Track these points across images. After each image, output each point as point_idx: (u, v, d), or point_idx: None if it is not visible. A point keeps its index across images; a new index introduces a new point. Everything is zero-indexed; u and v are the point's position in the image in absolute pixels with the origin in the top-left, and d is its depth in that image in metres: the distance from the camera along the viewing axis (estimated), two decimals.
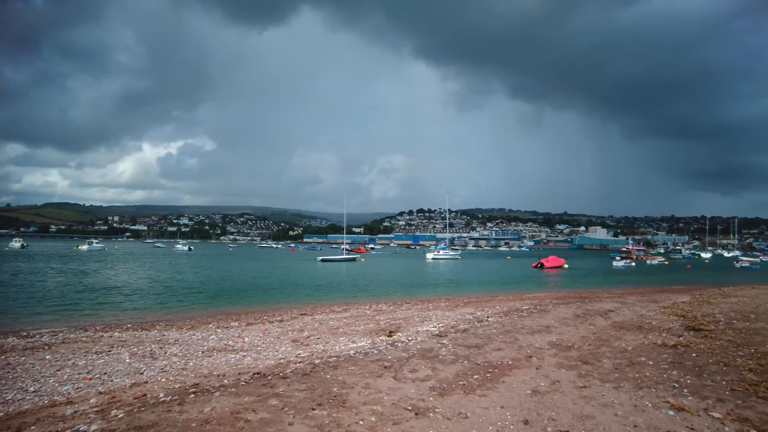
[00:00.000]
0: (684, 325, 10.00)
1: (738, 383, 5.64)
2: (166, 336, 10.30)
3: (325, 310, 14.75)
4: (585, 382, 5.90)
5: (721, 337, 8.47)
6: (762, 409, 4.79)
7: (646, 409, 4.84)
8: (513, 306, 14.37)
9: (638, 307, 13.33)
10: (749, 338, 8.37)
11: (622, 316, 11.53)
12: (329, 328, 10.78)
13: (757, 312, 11.58)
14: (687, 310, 12.37)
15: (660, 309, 12.84)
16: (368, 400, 5.14)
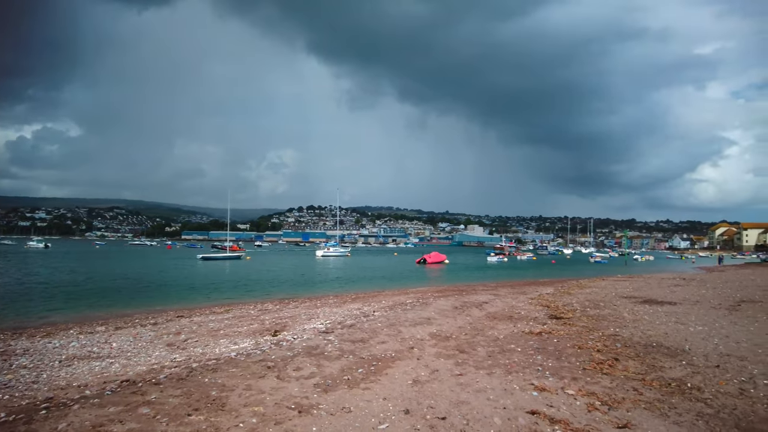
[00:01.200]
0: (548, 314, 12.04)
1: (588, 363, 7.10)
2: (13, 346, 9.27)
3: (204, 311, 14.41)
4: (461, 369, 6.86)
5: (577, 324, 10.48)
6: (605, 383, 6.17)
7: (514, 392, 5.84)
8: (398, 300, 15.61)
9: (509, 299, 15.55)
10: (598, 323, 10.51)
11: (496, 307, 13.37)
12: (209, 330, 10.68)
13: (605, 300, 14.48)
14: (550, 300, 14.88)
15: (528, 300, 15.19)
16: (249, 401, 5.33)
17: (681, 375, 6.50)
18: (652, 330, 9.61)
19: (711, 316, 11.33)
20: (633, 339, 8.78)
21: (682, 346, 8.20)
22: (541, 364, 7.07)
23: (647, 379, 6.31)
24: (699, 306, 13.07)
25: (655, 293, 16.57)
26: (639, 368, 6.84)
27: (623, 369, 6.78)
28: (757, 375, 6.46)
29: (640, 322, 10.58)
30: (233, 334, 10.07)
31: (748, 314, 11.53)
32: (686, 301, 14.25)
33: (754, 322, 10.48)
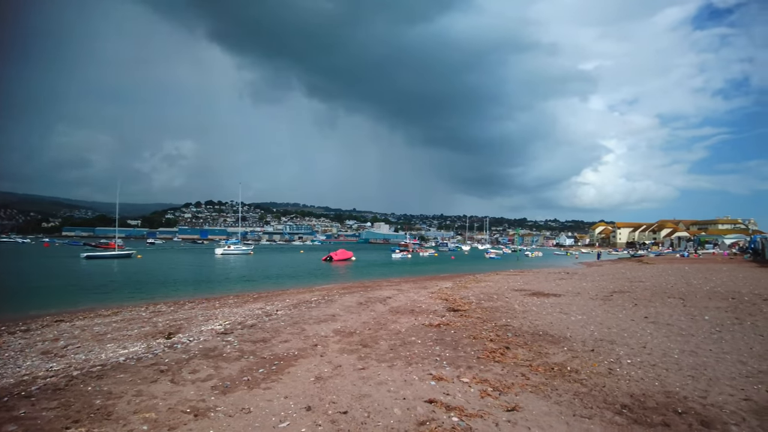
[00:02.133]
0: (446, 307, 12.64)
1: (482, 352, 7.60)
2: None
3: (89, 314, 13.03)
4: (364, 364, 6.97)
5: (472, 315, 11.14)
6: (497, 370, 6.64)
7: (414, 382, 6.07)
8: (303, 298, 15.42)
9: (412, 294, 16.08)
10: (492, 315, 11.27)
11: (399, 302, 13.75)
12: (94, 334, 9.78)
13: (498, 293, 15.57)
14: (449, 294, 15.64)
15: (429, 294, 15.83)
16: (140, 408, 5.01)
17: (562, 360, 7.18)
18: (539, 320, 10.48)
19: (589, 306, 12.63)
20: (522, 328, 9.52)
21: (564, 333, 9.05)
22: (439, 355, 7.40)
23: (534, 364, 6.88)
24: (579, 297, 14.51)
25: (542, 286, 18.10)
26: (527, 355, 7.43)
27: (513, 356, 7.32)
28: (622, 356, 7.34)
29: (528, 313, 11.49)
30: (122, 338, 9.32)
31: (618, 303, 13.03)
32: (569, 293, 15.75)
33: (622, 310, 11.88)
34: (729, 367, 6.76)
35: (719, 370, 6.64)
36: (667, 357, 7.32)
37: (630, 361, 7.08)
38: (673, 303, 12.99)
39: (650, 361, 7.09)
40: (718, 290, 15.82)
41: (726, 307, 12.13)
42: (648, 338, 8.62)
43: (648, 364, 6.94)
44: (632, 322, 10.12)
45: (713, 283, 18.56)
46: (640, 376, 6.33)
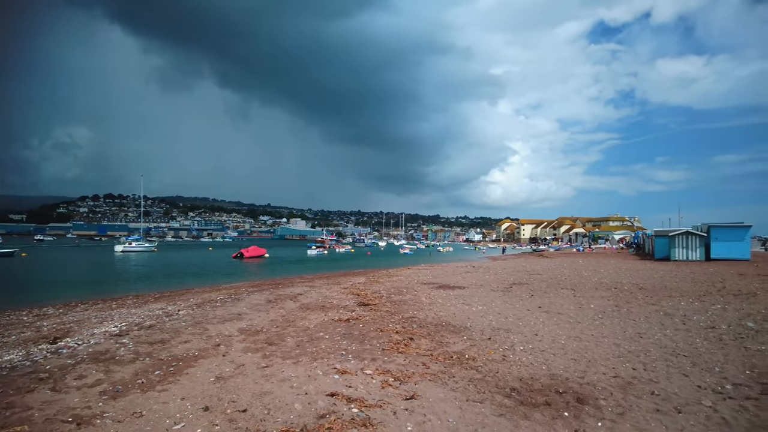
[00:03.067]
0: (357, 301, 12.80)
1: (387, 344, 7.81)
2: None
3: None
4: (268, 362, 6.88)
5: (381, 309, 11.38)
6: (400, 361, 6.87)
7: (318, 377, 6.11)
8: (208, 297, 14.78)
9: (324, 290, 16.06)
10: (400, 308, 11.60)
11: (310, 298, 13.68)
12: None
13: (408, 287, 16.04)
14: (361, 289, 15.84)
15: (341, 290, 15.91)
16: (10, 422, 4.59)
17: (461, 348, 7.58)
18: (443, 311, 10.96)
19: (490, 297, 13.42)
20: (427, 320, 9.90)
21: (465, 323, 9.55)
22: (346, 349, 7.50)
23: (435, 354, 7.19)
24: (482, 289, 15.36)
25: (449, 279, 18.91)
26: (429, 345, 7.75)
27: (416, 347, 7.60)
28: (516, 343, 7.90)
29: (434, 305, 11.97)
30: None
31: (517, 294, 13.99)
32: (473, 285, 16.61)
33: (519, 300, 12.77)
34: (605, 349, 7.54)
35: (597, 352, 7.38)
36: (555, 343, 8.00)
37: (522, 347, 7.64)
38: (565, 293, 14.19)
39: (540, 347, 7.71)
40: (604, 281, 17.53)
41: (608, 296, 13.49)
42: (540, 326, 9.35)
43: (538, 350, 7.53)
44: (527, 312, 10.92)
45: (600, 274, 20.52)
46: (530, 361, 6.86)
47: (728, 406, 5.11)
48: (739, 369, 6.46)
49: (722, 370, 6.45)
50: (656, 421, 4.70)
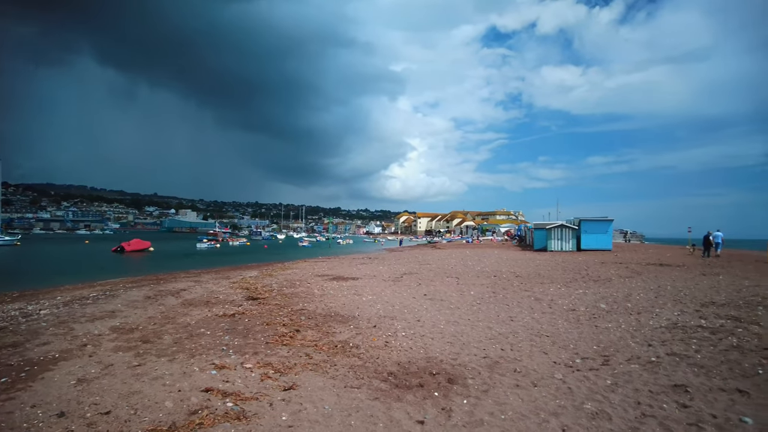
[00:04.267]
0: (246, 296, 12.46)
1: (272, 337, 7.76)
2: None
3: None
4: (141, 360, 6.47)
5: (271, 303, 11.21)
6: (283, 353, 6.83)
7: (194, 373, 5.88)
8: (78, 294, 13.39)
9: (210, 284, 15.38)
10: (290, 300, 11.51)
11: (194, 294, 13.02)
12: None
13: (301, 280, 15.93)
14: (252, 283, 15.43)
15: (230, 284, 15.36)
16: None
17: (347, 337, 7.73)
18: (333, 302, 11.07)
19: (380, 287, 13.81)
20: (317, 311, 9.94)
21: (353, 313, 9.74)
22: (227, 344, 7.28)
23: (320, 344, 7.26)
24: (374, 279, 15.75)
25: (345, 271, 19.12)
26: (315, 336, 7.80)
27: (302, 339, 7.61)
28: (399, 330, 8.24)
29: (326, 296, 12.04)
30: None
31: (406, 284, 14.55)
32: (366, 276, 16.96)
33: (408, 289, 13.30)
34: (479, 332, 8.15)
35: (471, 335, 7.95)
36: (435, 328, 8.47)
37: (404, 333, 7.99)
38: (449, 282, 15.03)
39: (421, 332, 8.12)
40: (485, 270, 18.84)
41: (488, 283, 14.54)
42: (424, 312, 9.84)
43: (419, 335, 7.93)
44: (414, 300, 11.42)
45: (483, 264, 22.03)
46: (410, 346, 7.20)
47: (575, 377, 5.81)
48: (589, 345, 7.36)
49: (575, 346, 7.29)
50: (515, 395, 5.20)
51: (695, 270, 18.24)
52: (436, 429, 4.34)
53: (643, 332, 8.07)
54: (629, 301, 11.05)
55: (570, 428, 4.33)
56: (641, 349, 7.03)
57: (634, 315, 9.49)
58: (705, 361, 6.43)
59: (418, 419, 4.53)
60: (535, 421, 4.48)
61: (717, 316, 9.13)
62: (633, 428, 4.35)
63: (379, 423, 4.45)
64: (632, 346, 7.25)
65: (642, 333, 8.02)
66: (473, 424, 4.45)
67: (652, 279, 15.40)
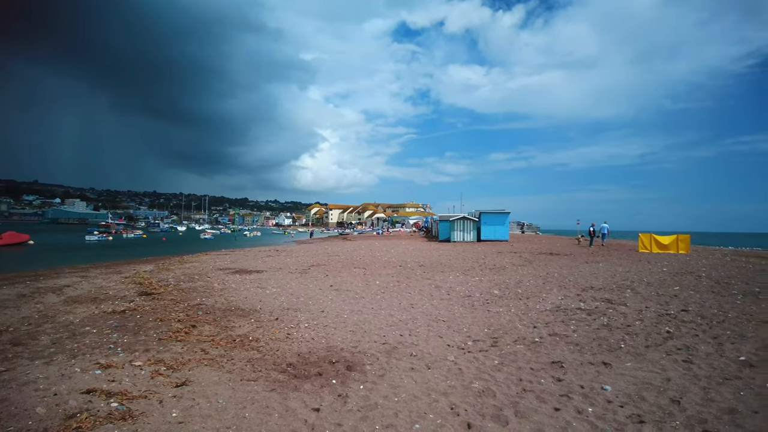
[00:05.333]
0: (139, 291, 11.70)
1: (166, 333, 7.42)
2: None
3: None
4: (9, 365, 5.79)
5: (166, 298, 10.64)
6: (177, 350, 6.55)
7: (74, 375, 5.45)
8: None
9: (100, 280, 14.21)
10: (188, 295, 11.02)
11: (80, 290, 11.96)
12: None
13: (201, 273, 15.30)
14: (146, 278, 14.49)
15: (122, 279, 14.30)
16: None
17: (247, 331, 7.59)
18: (235, 296, 10.78)
19: (286, 279, 13.67)
20: (216, 306, 9.62)
21: (255, 306, 9.57)
22: (115, 342, 6.84)
23: (217, 339, 7.06)
24: (280, 272, 15.53)
25: (249, 264, 18.62)
26: (213, 331, 7.57)
27: (198, 334, 7.35)
28: (302, 321, 8.26)
29: (227, 290, 11.68)
30: None
31: (313, 275, 14.54)
32: (272, 268, 16.67)
33: (314, 281, 13.31)
34: (381, 320, 8.40)
35: (374, 323, 8.18)
36: (339, 318, 8.59)
37: (307, 325, 8.02)
38: (357, 272, 15.26)
39: (324, 322, 8.20)
40: (392, 260, 19.35)
41: (393, 273, 14.97)
42: (329, 303, 9.93)
43: (322, 325, 8.00)
44: (319, 291, 11.46)
45: (391, 255, 22.60)
46: (312, 337, 7.25)
47: (466, 358, 6.22)
48: (481, 328, 7.89)
49: (468, 330, 7.78)
50: (409, 378, 5.46)
51: (580, 258, 20.16)
52: (331, 415, 4.45)
53: (530, 315, 8.82)
54: (520, 287, 11.98)
55: (458, 406, 4.66)
56: (527, 331, 7.69)
57: (523, 300, 10.32)
58: (580, 339, 7.19)
59: (314, 407, 4.61)
60: (426, 402, 4.76)
61: (594, 299, 10.21)
62: (514, 403, 4.77)
63: (274, 413, 4.47)
64: (519, 328, 7.89)
65: (529, 316, 8.76)
66: (368, 407, 4.62)
67: (542, 267, 16.79)
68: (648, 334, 7.37)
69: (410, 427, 4.22)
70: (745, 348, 6.55)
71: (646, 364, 5.98)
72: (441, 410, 4.56)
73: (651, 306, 9.41)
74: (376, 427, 4.20)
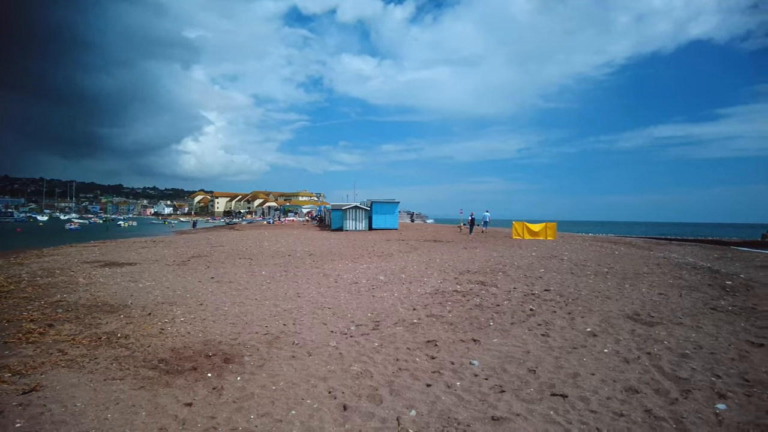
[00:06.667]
0: None
1: (14, 335, 6.60)
2: None
3: None
4: None
5: (17, 296, 9.39)
6: (27, 352, 5.81)
7: None
8: None
9: None
10: (45, 291, 9.84)
11: None
12: None
13: (63, 267, 13.73)
14: None
15: None
16: None
17: (114, 328, 7.02)
18: (103, 291, 9.88)
19: (163, 271, 12.82)
20: (79, 302, 8.75)
21: (126, 301, 8.86)
22: None
23: (78, 338, 6.45)
24: (156, 264, 14.52)
25: (121, 256, 17.11)
26: (74, 329, 6.89)
27: (56, 334, 6.65)
28: (178, 315, 7.84)
29: (93, 285, 10.65)
30: None
31: (193, 267, 13.81)
32: (147, 260, 15.51)
33: (194, 273, 12.66)
34: (264, 311, 8.27)
35: (257, 314, 8.03)
36: (218, 310, 8.29)
37: (184, 319, 7.63)
38: (242, 263, 14.79)
39: (203, 316, 7.86)
40: (281, 250, 19.06)
41: (281, 263, 14.76)
42: (209, 296, 9.52)
43: (200, 318, 7.66)
44: (199, 283, 10.93)
45: (280, 244, 22.22)
46: (188, 331, 6.92)
47: (347, 343, 6.38)
48: (364, 313, 8.12)
49: (353, 315, 7.97)
50: (289, 366, 5.47)
51: (460, 245, 21.51)
52: (204, 408, 4.32)
53: (411, 299, 9.26)
54: (404, 273, 12.50)
55: (335, 389, 4.78)
56: (407, 313, 8.08)
57: (406, 284, 10.79)
58: (454, 318, 7.72)
59: (186, 402, 4.43)
60: (304, 388, 4.81)
61: (469, 282, 10.98)
62: (389, 382, 5.01)
63: (141, 412, 4.22)
64: (401, 311, 8.26)
65: (410, 299, 9.19)
66: (244, 398, 4.55)
67: (426, 253, 17.66)
68: (514, 312, 8.13)
69: (286, 413, 4.24)
70: (592, 321, 7.52)
71: (510, 339, 6.61)
72: (318, 395, 4.65)
73: (519, 287, 10.37)
74: (251, 417, 4.16)
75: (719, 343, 6.30)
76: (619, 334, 6.78)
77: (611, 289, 10.13)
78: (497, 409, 4.34)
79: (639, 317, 7.72)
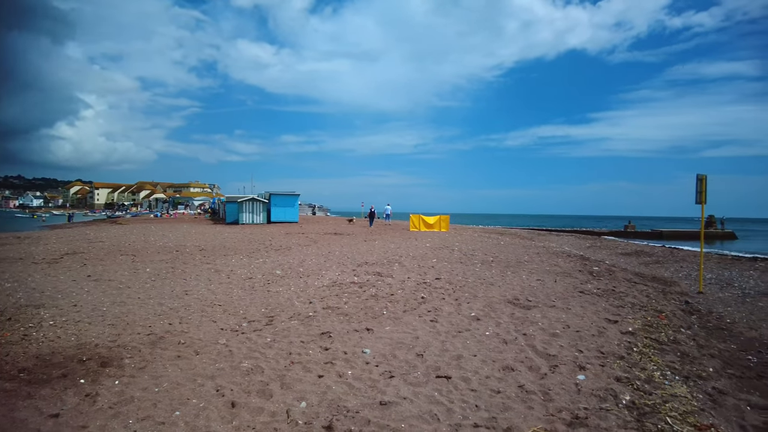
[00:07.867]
0: None
1: None
2: None
3: None
4: None
5: None
6: None
7: None
8: None
9: None
10: None
11: None
12: None
13: None
14: None
15: None
16: None
17: None
18: None
19: (28, 271, 11.49)
20: None
21: None
22: None
23: None
24: (21, 263, 12.93)
25: None
26: None
27: None
28: (46, 318, 7.11)
29: None
30: None
31: (66, 265, 12.57)
32: (9, 259, 13.75)
33: (68, 271, 11.55)
34: (148, 310, 7.79)
35: (139, 314, 7.53)
36: (96, 311, 7.65)
37: (53, 322, 6.95)
38: (123, 260, 13.73)
39: (77, 318, 7.21)
40: (168, 245, 17.97)
41: (168, 258, 13.94)
42: (84, 296, 8.75)
43: (73, 321, 7.02)
44: (73, 283, 10.00)
45: (168, 239, 20.93)
46: (59, 335, 6.32)
47: (238, 340, 6.24)
48: (258, 309, 7.98)
49: (245, 312, 7.79)
50: (174, 366, 5.23)
51: (360, 237, 21.84)
52: (74, 418, 3.99)
53: (308, 292, 9.26)
54: (302, 266, 12.44)
55: (224, 387, 4.66)
56: (303, 307, 8.07)
57: (303, 278, 10.75)
58: (350, 309, 7.86)
59: (52, 413, 4.06)
60: (190, 388, 4.63)
61: (367, 273, 11.22)
62: (281, 376, 4.99)
63: None
64: (296, 305, 8.23)
65: (307, 293, 9.19)
66: (122, 403, 4.27)
67: (325, 246, 17.71)
68: (407, 300, 8.48)
69: (170, 415, 4.06)
70: (476, 306, 8.08)
71: (401, 326, 6.90)
72: (205, 393, 4.51)
73: (412, 276, 10.81)
74: (130, 422, 3.93)
75: (584, 322, 7.12)
76: (500, 317, 7.37)
77: (495, 277, 10.94)
78: (385, 394, 4.53)
79: (518, 302, 8.44)
